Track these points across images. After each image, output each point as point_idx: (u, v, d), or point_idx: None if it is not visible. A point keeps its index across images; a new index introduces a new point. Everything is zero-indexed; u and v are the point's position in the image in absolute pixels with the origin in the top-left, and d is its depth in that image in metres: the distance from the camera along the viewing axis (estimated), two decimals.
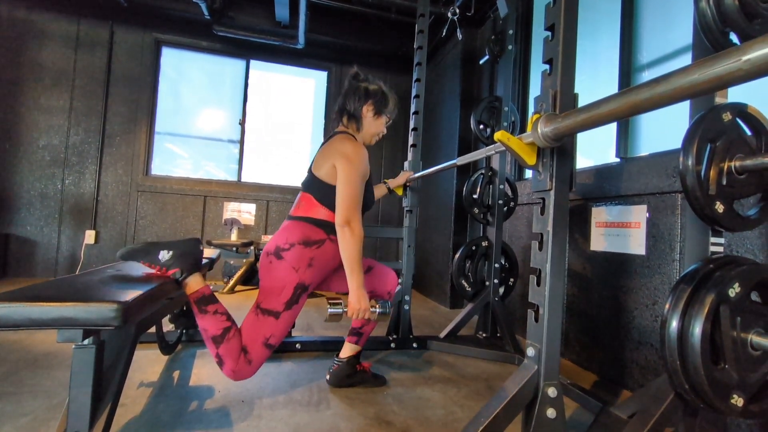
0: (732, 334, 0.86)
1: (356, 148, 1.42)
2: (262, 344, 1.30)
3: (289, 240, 1.38)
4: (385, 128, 1.59)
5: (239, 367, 1.27)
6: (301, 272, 1.36)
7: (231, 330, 1.27)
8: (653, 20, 1.96)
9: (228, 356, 1.26)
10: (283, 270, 1.35)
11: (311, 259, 1.38)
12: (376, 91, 1.53)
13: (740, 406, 0.85)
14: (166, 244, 1.24)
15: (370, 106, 1.52)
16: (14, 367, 1.58)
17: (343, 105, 1.54)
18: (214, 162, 4.19)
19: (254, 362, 1.30)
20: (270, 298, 1.33)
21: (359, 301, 1.35)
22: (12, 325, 0.81)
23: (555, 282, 0.98)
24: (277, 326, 1.32)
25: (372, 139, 1.58)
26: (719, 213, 0.94)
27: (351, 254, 1.34)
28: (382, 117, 1.55)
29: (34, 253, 3.55)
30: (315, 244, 1.39)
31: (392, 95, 1.57)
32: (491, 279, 2.22)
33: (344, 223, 1.34)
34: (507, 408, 0.96)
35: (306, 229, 1.40)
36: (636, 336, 1.71)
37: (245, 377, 1.30)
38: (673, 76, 0.60)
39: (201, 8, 3.53)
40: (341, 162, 1.38)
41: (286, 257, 1.35)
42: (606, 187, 1.91)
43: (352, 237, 1.33)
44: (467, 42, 3.43)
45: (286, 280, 1.34)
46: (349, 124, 1.54)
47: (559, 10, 1.00)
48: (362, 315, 1.36)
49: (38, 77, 3.60)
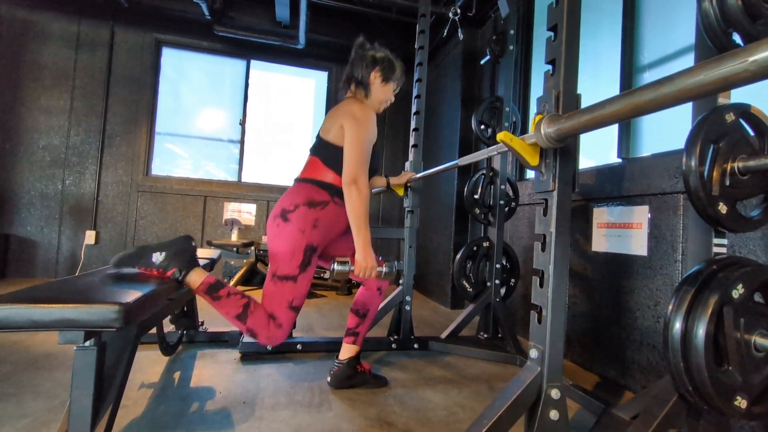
0: (735, 335, 0.86)
1: (364, 110, 1.45)
2: (287, 308, 1.35)
3: (294, 201, 1.39)
4: (392, 95, 1.61)
5: (272, 333, 1.33)
6: (307, 234, 1.37)
7: (250, 304, 1.32)
8: (655, 20, 1.95)
9: (258, 327, 1.31)
10: (291, 233, 1.36)
11: (316, 220, 1.39)
12: (383, 59, 1.55)
13: (744, 408, 0.85)
14: (158, 246, 1.25)
15: (378, 72, 1.53)
16: (15, 368, 1.58)
17: (351, 73, 1.55)
18: (215, 162, 4.19)
19: (284, 325, 1.35)
20: (283, 264, 1.36)
21: (365, 258, 1.36)
22: (14, 326, 0.80)
23: (558, 283, 0.97)
24: (297, 288, 1.36)
25: (380, 106, 1.60)
26: (722, 214, 0.94)
27: (357, 212, 1.35)
28: (389, 84, 1.57)
29: (34, 253, 3.55)
30: (319, 205, 1.40)
31: (399, 63, 1.59)
32: (492, 279, 2.22)
33: (351, 181, 1.35)
34: (510, 410, 0.95)
35: (310, 191, 1.42)
36: (638, 337, 1.71)
37: (281, 340, 1.36)
38: (678, 77, 0.60)
39: (201, 8, 3.54)
40: (349, 122, 1.40)
41: (292, 219, 1.37)
42: (608, 188, 1.90)
43: (358, 195, 1.35)
44: (468, 42, 3.42)
45: (295, 243, 1.36)
46: (357, 91, 1.55)
47: (561, 10, 0.99)
48: (368, 273, 1.37)
49: (39, 77, 3.60)
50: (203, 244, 3.91)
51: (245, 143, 4.22)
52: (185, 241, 1.29)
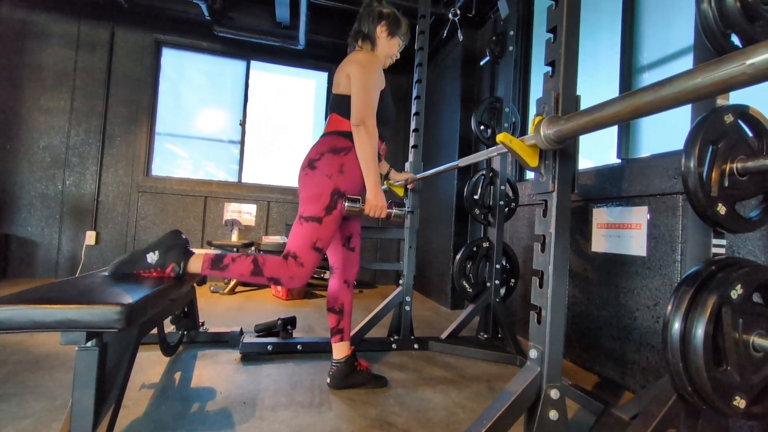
0: (734, 335, 0.86)
1: (369, 56, 1.52)
2: (310, 248, 1.39)
3: (319, 150, 1.48)
4: (398, 51, 1.67)
5: (293, 272, 1.37)
6: (334, 179, 1.44)
7: (258, 258, 1.36)
8: (654, 21, 1.96)
9: (276, 272, 1.36)
10: (318, 178, 1.44)
11: (341, 165, 1.46)
12: (389, 14, 1.61)
13: (743, 408, 0.85)
14: (149, 247, 1.28)
15: (384, 26, 1.59)
16: (16, 369, 1.58)
17: (359, 27, 1.62)
18: (215, 162, 4.20)
19: (306, 265, 1.39)
20: (310, 206, 1.42)
21: (376, 197, 1.44)
22: (16, 327, 0.81)
23: (557, 284, 0.98)
24: (322, 230, 1.41)
25: (386, 60, 1.65)
26: (721, 214, 0.94)
27: (367, 152, 1.42)
28: (395, 38, 1.62)
29: (34, 254, 3.55)
30: (342, 151, 1.47)
31: (405, 19, 1.65)
32: (492, 280, 2.23)
33: (359, 122, 1.41)
34: (509, 410, 0.96)
35: (333, 140, 1.50)
36: (637, 337, 1.71)
37: (304, 280, 1.39)
38: (677, 79, 0.60)
39: (201, 9, 3.54)
40: (354, 68, 1.47)
41: (319, 166, 1.45)
42: (607, 189, 1.91)
43: (367, 135, 1.41)
44: (468, 43, 3.43)
45: (322, 188, 1.43)
46: (363, 44, 1.61)
47: (561, 12, 1.00)
48: (379, 212, 1.45)
49: (39, 78, 3.61)
50: (204, 245, 3.92)
51: (245, 144, 4.23)
52: (174, 236, 1.32)
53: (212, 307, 2.88)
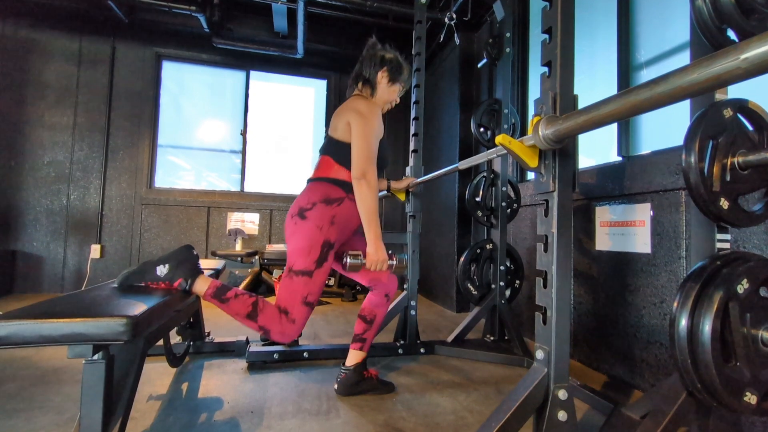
0: (742, 330, 0.86)
1: (369, 105, 1.48)
2: (301, 303, 1.36)
3: (311, 200, 1.42)
4: (398, 97, 1.64)
5: (284, 328, 1.33)
6: (325, 230, 1.40)
7: (259, 302, 1.33)
8: (650, 18, 1.96)
9: (270, 323, 1.32)
10: (308, 230, 1.39)
11: (333, 216, 1.42)
12: (391, 59, 1.58)
13: (754, 404, 0.85)
14: (160, 259, 1.27)
15: (385, 72, 1.56)
16: (24, 384, 1.59)
17: (360, 71, 1.59)
18: (217, 173, 4.22)
19: (297, 321, 1.35)
20: (300, 259, 1.38)
21: (377, 251, 1.40)
22: (23, 342, 0.81)
23: (562, 283, 0.98)
24: (313, 284, 1.38)
25: (384, 106, 1.62)
26: (724, 209, 0.94)
27: (368, 206, 1.39)
28: (396, 85, 1.59)
29: (40, 268, 3.58)
30: (335, 202, 1.43)
31: (407, 65, 1.62)
32: (497, 282, 2.22)
33: (360, 175, 1.39)
34: (517, 412, 0.95)
35: (326, 189, 1.45)
36: (645, 335, 1.70)
37: (294, 336, 1.37)
38: (672, 76, 0.60)
39: (200, 21, 3.58)
40: (355, 117, 1.43)
41: (310, 216, 1.40)
42: (609, 187, 1.90)
43: (368, 189, 1.38)
44: (465, 46, 3.45)
45: (312, 240, 1.38)
46: (363, 89, 1.58)
47: (555, 13, 1.00)
48: (380, 266, 1.41)
49: (42, 95, 3.65)
50: (208, 255, 3.93)
51: (247, 153, 4.25)
52: (186, 251, 1.31)
53: (218, 317, 2.88)
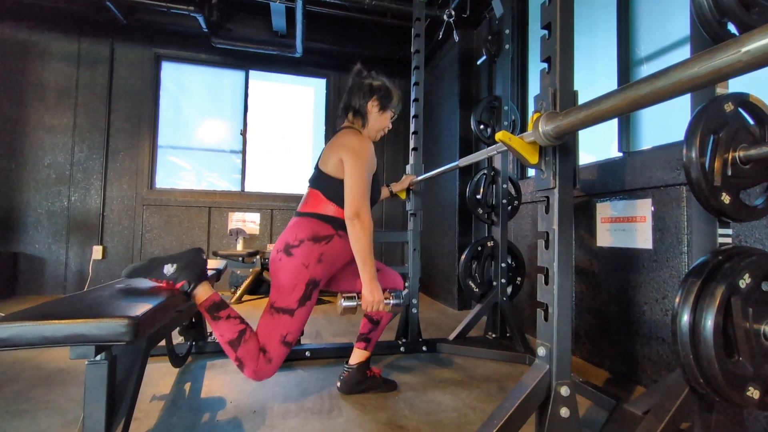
0: (744, 325, 0.85)
1: (362, 142, 1.44)
2: (279, 342, 1.32)
3: (298, 236, 1.38)
4: (390, 123, 1.61)
5: (260, 367, 1.29)
6: (311, 268, 1.37)
7: (246, 332, 1.29)
8: (650, 12, 1.96)
9: (247, 358, 1.27)
10: (294, 267, 1.35)
11: (321, 254, 1.39)
12: (380, 87, 1.55)
13: (756, 399, 0.84)
14: (170, 258, 1.25)
15: (375, 101, 1.53)
16: (27, 385, 1.60)
17: (349, 102, 1.55)
18: (217, 173, 4.22)
19: (274, 361, 1.31)
20: (283, 297, 1.34)
21: (372, 293, 1.35)
22: (26, 343, 0.81)
23: (563, 280, 0.97)
24: (293, 323, 1.34)
25: (377, 134, 1.60)
26: (725, 204, 0.94)
27: (362, 246, 1.35)
28: (386, 112, 1.57)
29: (43, 270, 3.58)
30: (324, 240, 1.40)
31: (396, 90, 1.59)
32: (498, 279, 2.22)
33: (353, 215, 1.35)
34: (520, 409, 0.95)
35: (314, 225, 1.41)
36: (647, 331, 1.70)
37: (267, 376, 1.31)
38: (673, 70, 0.60)
39: (199, 21, 3.58)
40: (348, 155, 1.39)
41: (296, 254, 1.36)
42: (610, 183, 1.90)
43: (362, 229, 1.34)
44: (464, 43, 3.44)
45: (297, 277, 1.35)
46: (354, 120, 1.55)
47: (554, 8, 1.00)
48: (376, 307, 1.36)
49: (42, 97, 3.65)
50: (209, 255, 3.93)
51: (247, 153, 4.25)
52: (196, 254, 1.29)
53: None
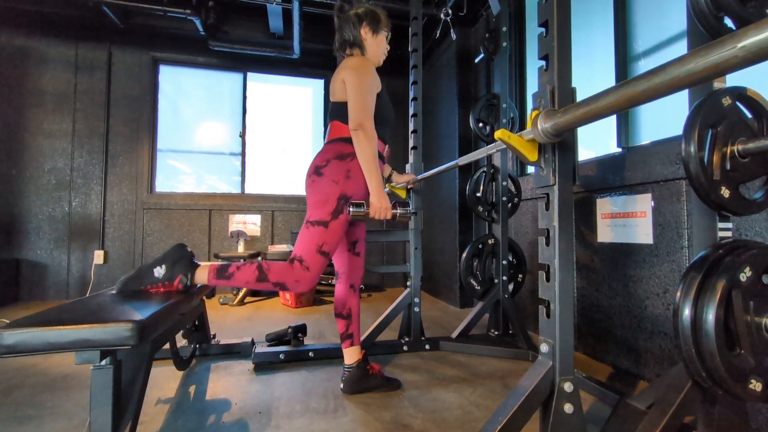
0: (746, 318, 0.86)
1: (360, 60, 1.51)
2: (316, 252, 1.40)
3: (325, 157, 1.48)
4: (386, 43, 1.66)
5: (299, 275, 1.38)
6: (341, 184, 1.45)
7: (263, 263, 1.38)
8: (646, 8, 1.96)
9: (282, 276, 1.37)
10: (325, 184, 1.45)
11: (348, 171, 1.46)
12: (366, 13, 1.60)
13: (759, 391, 0.85)
14: (155, 261, 1.29)
15: (367, 27, 1.58)
16: (33, 391, 1.60)
17: (341, 37, 1.61)
18: (217, 175, 4.23)
19: (312, 269, 1.39)
20: (317, 211, 1.43)
21: (379, 199, 1.43)
22: (31, 349, 0.82)
23: (564, 277, 0.98)
24: (328, 234, 1.42)
25: (380, 58, 1.65)
26: (725, 198, 0.94)
27: (367, 155, 1.41)
28: (380, 34, 1.61)
29: (45, 276, 3.59)
30: (348, 157, 1.48)
31: (381, 10, 1.64)
32: (500, 276, 2.22)
33: (357, 126, 1.40)
34: (524, 405, 0.96)
35: (338, 147, 1.50)
36: (649, 325, 1.70)
37: (309, 284, 1.40)
38: (670, 66, 0.60)
39: (196, 25, 3.58)
40: (347, 74, 1.46)
41: (326, 173, 1.46)
42: (609, 178, 1.90)
43: (366, 139, 1.40)
44: (461, 41, 3.44)
45: (329, 193, 1.44)
46: (353, 51, 1.60)
47: (551, 6, 1.00)
48: (383, 214, 1.44)
49: (40, 102, 3.66)
50: (211, 258, 3.94)
51: (246, 155, 4.26)
52: (180, 249, 1.34)
53: (222, 319, 2.89)
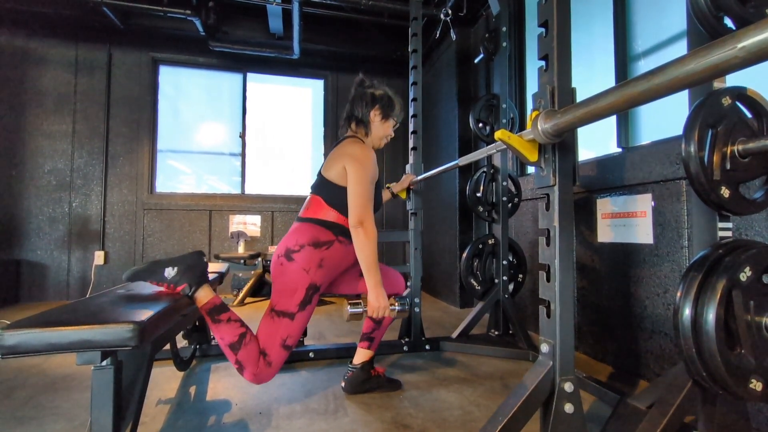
0: (746, 318, 0.86)
1: (365, 151, 1.46)
2: (279, 346, 1.33)
3: (299, 242, 1.39)
4: (392, 131, 1.63)
5: (259, 371, 1.29)
6: (312, 273, 1.38)
7: (247, 335, 1.29)
8: (646, 8, 1.96)
9: (247, 361, 1.28)
10: (295, 272, 1.37)
11: (321, 259, 1.40)
12: (382, 96, 1.57)
13: (759, 391, 0.85)
14: (170, 261, 1.26)
15: (378, 110, 1.56)
16: (34, 392, 1.60)
17: (351, 111, 1.58)
18: (217, 176, 4.23)
19: (274, 364, 1.32)
20: (283, 300, 1.36)
21: (378, 299, 1.38)
22: (32, 350, 0.82)
23: (564, 277, 0.98)
24: (293, 327, 1.35)
25: (381, 142, 1.62)
26: (725, 198, 0.94)
27: (367, 254, 1.36)
28: (389, 120, 1.59)
29: (45, 277, 3.59)
30: (324, 245, 1.40)
31: (398, 99, 1.62)
32: (500, 276, 2.22)
33: (358, 223, 1.36)
34: (524, 405, 0.96)
35: (315, 231, 1.42)
36: (649, 325, 1.70)
37: (266, 380, 1.32)
38: (669, 66, 0.60)
39: (195, 25, 3.58)
40: (351, 164, 1.41)
41: (297, 259, 1.37)
42: (609, 178, 1.90)
43: (366, 237, 1.36)
44: (461, 41, 3.44)
45: (298, 282, 1.36)
46: (357, 129, 1.57)
47: (551, 6, 1.00)
48: (382, 313, 1.38)
49: (40, 103, 3.66)
50: (211, 258, 3.94)
51: (246, 155, 4.26)
52: (197, 257, 1.30)
53: None
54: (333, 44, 4.15)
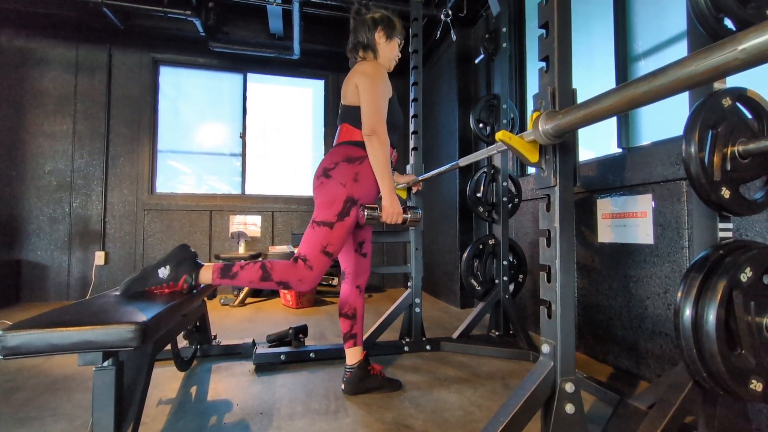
0: (747, 319, 0.86)
1: (374, 65, 1.53)
2: (320, 251, 1.42)
3: (334, 160, 1.50)
4: (398, 51, 1.68)
5: (302, 275, 1.39)
6: (348, 187, 1.46)
7: (266, 263, 1.39)
8: (646, 8, 1.96)
9: (285, 275, 1.38)
10: (333, 186, 1.46)
11: (356, 174, 1.48)
12: (382, 18, 1.63)
13: (760, 391, 0.85)
14: (159, 262, 1.30)
15: (381, 32, 1.61)
16: (35, 392, 1.60)
17: (355, 39, 1.63)
18: (218, 176, 4.23)
19: (315, 268, 1.41)
20: (323, 212, 1.46)
21: (392, 204, 1.47)
22: (34, 351, 0.82)
23: (565, 277, 0.98)
24: (332, 235, 1.44)
25: (391, 63, 1.67)
26: (725, 198, 0.94)
27: (380, 160, 1.45)
28: (393, 40, 1.64)
29: (45, 277, 3.59)
30: (357, 161, 1.49)
31: (396, 18, 1.67)
32: (500, 277, 2.22)
33: (370, 132, 1.44)
34: (525, 406, 0.96)
35: (347, 150, 1.51)
36: (650, 326, 1.70)
37: (311, 284, 1.42)
38: (670, 68, 0.61)
39: (196, 25, 3.58)
40: (360, 79, 1.49)
41: (333, 175, 1.47)
42: (610, 179, 1.91)
43: (379, 144, 1.44)
44: (461, 42, 3.44)
45: (336, 195, 1.45)
46: (365, 54, 1.62)
47: (552, 7, 1.00)
48: (395, 218, 1.47)
49: (41, 104, 3.66)
50: (211, 259, 3.94)
51: (247, 156, 4.26)
52: (184, 249, 1.35)
53: (223, 320, 2.90)
54: (333, 44, 4.15)
